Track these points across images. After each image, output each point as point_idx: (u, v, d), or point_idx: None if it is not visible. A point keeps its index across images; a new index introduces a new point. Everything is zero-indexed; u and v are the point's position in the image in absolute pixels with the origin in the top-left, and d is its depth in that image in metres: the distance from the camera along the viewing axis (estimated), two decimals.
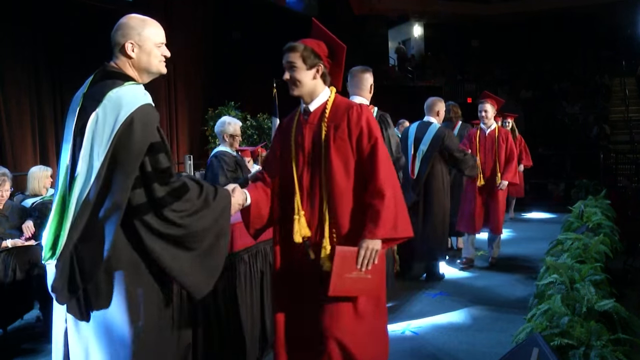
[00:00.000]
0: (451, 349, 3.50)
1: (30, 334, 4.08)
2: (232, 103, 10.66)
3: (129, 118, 1.84)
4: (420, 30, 21.56)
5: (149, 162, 1.88)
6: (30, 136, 8.70)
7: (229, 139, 4.50)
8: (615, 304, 2.57)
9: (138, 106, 1.88)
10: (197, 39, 11.82)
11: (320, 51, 2.31)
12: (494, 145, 5.45)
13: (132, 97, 1.90)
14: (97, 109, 1.87)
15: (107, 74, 1.97)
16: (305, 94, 2.33)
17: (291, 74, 2.29)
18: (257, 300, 3.25)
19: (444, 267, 5.40)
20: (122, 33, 1.99)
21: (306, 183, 2.30)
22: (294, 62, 2.27)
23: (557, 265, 3.27)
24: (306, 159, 2.31)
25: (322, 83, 2.35)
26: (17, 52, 8.55)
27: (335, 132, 2.26)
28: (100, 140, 1.85)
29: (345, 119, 2.27)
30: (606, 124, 14.30)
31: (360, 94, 3.77)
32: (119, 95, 1.89)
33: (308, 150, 2.32)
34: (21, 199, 4.55)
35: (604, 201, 5.91)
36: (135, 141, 1.85)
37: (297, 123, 2.39)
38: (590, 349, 2.21)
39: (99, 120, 1.86)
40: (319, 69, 2.31)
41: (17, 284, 3.82)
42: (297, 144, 2.35)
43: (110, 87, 1.90)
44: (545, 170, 11.77)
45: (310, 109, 2.36)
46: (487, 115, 5.47)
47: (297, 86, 2.30)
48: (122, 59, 2.01)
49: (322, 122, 2.30)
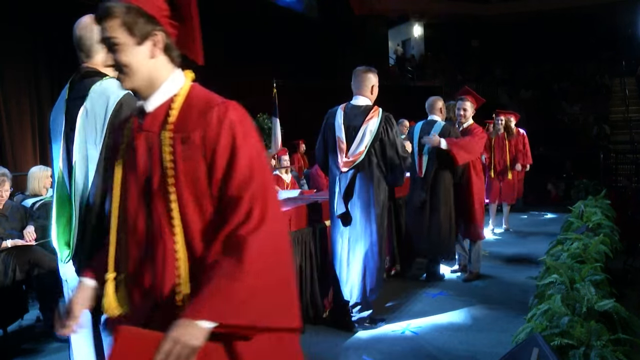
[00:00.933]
0: (451, 349, 3.50)
1: (30, 334, 4.07)
2: None
3: (118, 104, 1.91)
4: (420, 30, 21.56)
5: None
6: (30, 136, 8.71)
7: None
8: (615, 304, 2.57)
9: (125, 93, 1.93)
10: None
11: (152, 9, 1.42)
12: None
13: (117, 87, 1.93)
14: (84, 103, 1.93)
15: (85, 74, 2.04)
16: (141, 85, 1.45)
17: (115, 57, 1.42)
18: None
19: (444, 267, 5.40)
20: (91, 34, 2.03)
21: (139, 226, 1.43)
22: (115, 37, 1.40)
23: (557, 265, 3.27)
24: (140, 189, 1.44)
25: (166, 63, 1.47)
26: (17, 52, 8.55)
27: (184, 146, 1.40)
28: (93, 130, 1.90)
29: (201, 126, 1.40)
30: (606, 124, 14.30)
31: (362, 94, 3.79)
32: (103, 87, 1.96)
33: (142, 175, 1.44)
34: (21, 199, 4.55)
35: (604, 201, 5.91)
36: None
37: (129, 130, 1.50)
38: (590, 349, 2.21)
39: (89, 112, 1.91)
40: (157, 39, 1.44)
41: (17, 284, 3.82)
42: (126, 165, 1.48)
43: (92, 83, 1.97)
44: (546, 170, 11.77)
45: (146, 109, 1.48)
46: (466, 115, 5.11)
47: (127, 74, 1.43)
48: (100, 56, 2.03)
49: (163, 130, 1.42)
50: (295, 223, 3.76)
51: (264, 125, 10.98)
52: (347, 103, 3.86)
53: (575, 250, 3.71)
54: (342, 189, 3.72)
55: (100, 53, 2.03)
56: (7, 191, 4.12)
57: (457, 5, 19.57)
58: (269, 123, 10.70)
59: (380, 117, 3.72)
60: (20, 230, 4.07)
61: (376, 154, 3.71)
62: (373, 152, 3.69)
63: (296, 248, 3.73)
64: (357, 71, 3.83)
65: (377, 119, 3.71)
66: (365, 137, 3.69)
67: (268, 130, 10.54)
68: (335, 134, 3.79)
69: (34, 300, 4.33)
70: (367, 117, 3.72)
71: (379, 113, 3.75)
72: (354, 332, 3.79)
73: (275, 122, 8.88)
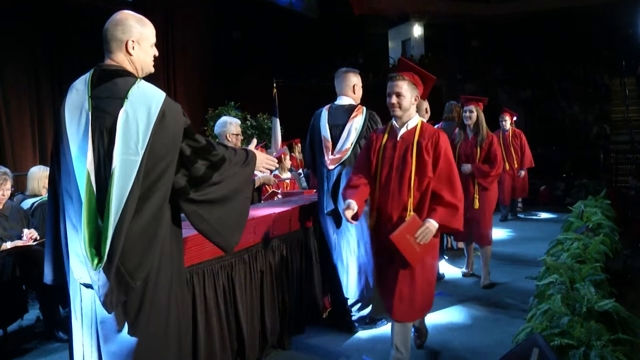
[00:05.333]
0: (451, 349, 3.50)
1: (30, 334, 4.07)
2: (232, 103, 10.66)
3: (161, 111, 1.90)
4: (420, 30, 21.57)
5: (187, 146, 1.98)
6: (30, 136, 8.72)
7: (232, 138, 4.49)
8: (615, 304, 2.57)
9: (164, 97, 1.94)
10: (197, 39, 11.83)
11: None
12: None
13: (155, 90, 1.96)
14: (123, 107, 1.88)
15: (111, 73, 1.96)
16: None
17: None
18: (257, 300, 3.25)
19: (443, 267, 5.40)
20: (122, 29, 1.99)
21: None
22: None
23: (557, 265, 3.27)
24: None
25: None
26: (17, 52, 8.56)
27: None
28: (135, 136, 1.86)
29: None
30: (606, 124, 14.30)
31: (345, 94, 3.89)
32: (142, 91, 1.93)
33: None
34: (21, 199, 4.55)
35: (604, 201, 5.91)
36: (172, 130, 1.93)
37: None
38: (590, 349, 2.21)
39: (130, 117, 1.87)
40: None
41: (17, 284, 3.82)
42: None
43: (128, 85, 1.92)
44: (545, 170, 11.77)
45: None
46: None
47: None
48: (120, 56, 2.00)
49: None
50: (295, 223, 3.76)
51: (264, 125, 10.98)
52: (331, 104, 3.94)
53: (575, 250, 3.71)
54: (330, 186, 3.78)
55: (119, 52, 1.99)
56: (8, 190, 4.12)
57: (457, 5, 19.56)
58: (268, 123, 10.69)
59: (364, 114, 3.80)
60: (20, 230, 4.07)
61: None
62: (359, 149, 3.71)
63: (296, 248, 3.74)
64: (338, 72, 3.93)
65: (362, 116, 3.80)
66: (350, 135, 3.77)
67: (268, 130, 10.54)
68: (321, 134, 3.87)
69: (34, 300, 4.33)
70: (351, 115, 3.81)
71: (363, 111, 3.83)
72: (354, 332, 3.79)
73: (275, 122, 8.87)
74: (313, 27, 16.51)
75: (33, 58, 8.82)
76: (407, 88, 3.01)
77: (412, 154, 2.98)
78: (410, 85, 3.02)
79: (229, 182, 2.10)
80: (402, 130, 3.08)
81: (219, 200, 2.08)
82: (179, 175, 1.97)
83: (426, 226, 2.84)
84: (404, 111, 3.05)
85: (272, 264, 3.42)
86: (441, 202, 2.90)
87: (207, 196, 2.03)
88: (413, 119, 3.10)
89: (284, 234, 3.58)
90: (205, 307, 2.75)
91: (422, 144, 2.98)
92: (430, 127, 3.10)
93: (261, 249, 3.31)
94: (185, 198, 2.00)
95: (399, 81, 3.01)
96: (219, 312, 2.85)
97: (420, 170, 2.95)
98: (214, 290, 2.82)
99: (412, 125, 3.09)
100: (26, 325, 4.18)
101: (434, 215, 2.88)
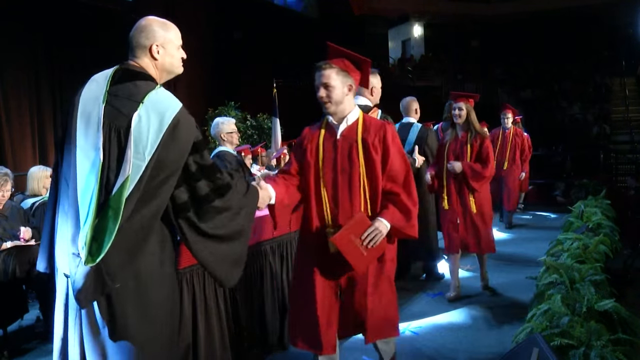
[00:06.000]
0: (451, 349, 3.50)
1: (30, 334, 4.07)
2: (232, 103, 10.67)
3: (175, 120, 1.89)
4: (420, 30, 21.57)
5: (193, 162, 1.96)
6: (30, 136, 8.72)
7: (227, 137, 4.52)
8: (615, 304, 2.58)
9: (180, 108, 1.94)
10: (197, 39, 11.81)
11: None
12: None
13: (172, 99, 1.96)
14: (137, 110, 1.88)
15: (134, 73, 1.99)
16: None
17: None
18: (257, 300, 3.25)
19: (444, 267, 5.40)
20: (145, 35, 2.02)
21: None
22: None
23: (557, 265, 3.27)
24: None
25: None
26: (17, 52, 8.56)
27: None
28: (144, 141, 1.86)
29: None
30: (606, 123, 14.32)
31: (362, 94, 3.81)
32: (159, 97, 1.93)
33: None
34: (21, 199, 4.55)
35: (604, 201, 5.92)
36: (182, 142, 1.91)
37: None
38: (590, 349, 2.21)
39: (142, 121, 1.87)
40: None
41: (17, 284, 3.82)
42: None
43: (147, 89, 1.93)
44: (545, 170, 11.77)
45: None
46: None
47: None
48: (145, 60, 2.04)
49: None
50: (296, 223, 3.76)
51: (264, 125, 10.97)
52: None
53: (575, 250, 3.71)
54: None
55: (144, 57, 2.03)
56: (8, 191, 4.12)
57: (457, 5, 19.57)
58: (268, 123, 10.69)
59: (378, 117, 3.72)
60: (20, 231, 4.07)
61: None
62: None
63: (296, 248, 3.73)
64: None
65: None
66: None
67: (268, 130, 10.54)
68: None
69: (34, 300, 4.33)
70: None
71: (378, 114, 3.75)
72: None
73: (275, 122, 8.87)
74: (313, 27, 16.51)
75: (33, 59, 8.82)
76: (336, 77, 2.53)
77: (357, 153, 2.55)
78: (340, 74, 2.54)
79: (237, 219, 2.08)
80: (342, 126, 2.62)
81: (227, 238, 2.06)
82: (181, 189, 1.95)
83: (375, 226, 2.45)
84: (336, 104, 2.57)
85: (271, 264, 3.42)
86: (396, 202, 2.53)
87: (216, 231, 2.02)
88: (352, 112, 2.63)
89: (284, 234, 3.58)
90: (205, 307, 2.75)
91: (367, 140, 2.55)
92: (374, 120, 2.67)
93: (261, 249, 3.31)
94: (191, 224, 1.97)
95: (325, 70, 2.53)
96: (219, 312, 2.85)
97: (370, 172, 2.54)
98: (214, 290, 2.82)
99: (352, 119, 2.62)
100: (26, 325, 4.17)
101: (385, 214, 2.49)
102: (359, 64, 2.62)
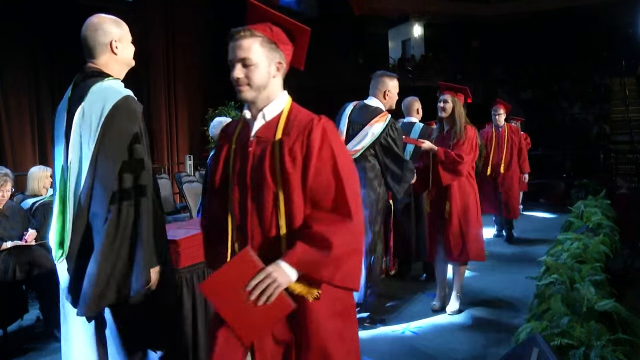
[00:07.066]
0: (451, 349, 3.50)
1: (30, 334, 4.07)
2: (232, 103, 10.64)
3: (115, 106, 1.95)
4: (420, 30, 21.56)
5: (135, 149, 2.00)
6: (30, 136, 8.71)
7: None
8: (615, 304, 2.58)
9: (123, 96, 1.99)
10: (197, 39, 11.81)
11: None
12: None
13: (116, 88, 2.03)
14: (82, 103, 1.97)
15: (89, 74, 2.07)
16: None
17: None
18: None
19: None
20: (103, 33, 2.09)
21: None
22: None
23: (557, 265, 3.28)
24: None
25: None
26: (16, 52, 8.55)
27: None
28: (89, 130, 1.93)
29: None
30: (606, 124, 14.32)
31: (375, 96, 3.83)
32: (103, 87, 2.00)
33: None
34: (21, 199, 4.55)
35: (604, 201, 5.92)
36: (122, 127, 1.96)
37: None
38: (590, 349, 2.21)
39: (85, 113, 1.95)
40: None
41: (17, 284, 3.82)
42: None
43: (93, 83, 2.01)
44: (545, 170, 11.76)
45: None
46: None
47: None
48: (105, 58, 2.10)
49: None
50: None
51: None
52: (360, 101, 3.86)
53: (575, 250, 3.71)
54: None
55: (104, 54, 2.09)
56: (8, 191, 4.11)
57: (457, 5, 19.57)
58: None
59: (387, 122, 3.69)
60: (20, 230, 4.07)
61: (375, 156, 3.69)
62: (371, 154, 3.67)
63: None
64: (375, 74, 3.89)
65: (383, 124, 3.67)
66: (366, 138, 3.66)
67: None
68: (339, 126, 3.75)
69: (34, 300, 4.33)
70: (373, 118, 3.69)
71: (387, 119, 3.71)
72: None
73: None
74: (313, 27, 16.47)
75: (33, 59, 8.81)
76: (259, 50, 1.70)
77: (271, 163, 1.69)
78: (266, 46, 1.71)
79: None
80: (258, 123, 1.77)
81: None
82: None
83: (268, 272, 1.59)
84: (257, 90, 1.72)
85: None
86: (312, 236, 1.62)
87: None
88: (276, 101, 1.77)
89: None
90: (205, 307, 2.75)
91: (284, 143, 1.69)
92: (304, 114, 1.77)
93: None
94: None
95: (244, 40, 1.69)
96: None
97: (288, 190, 1.67)
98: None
99: (272, 114, 1.76)
100: (26, 325, 4.17)
101: (290, 256, 1.62)
102: (294, 32, 1.81)
